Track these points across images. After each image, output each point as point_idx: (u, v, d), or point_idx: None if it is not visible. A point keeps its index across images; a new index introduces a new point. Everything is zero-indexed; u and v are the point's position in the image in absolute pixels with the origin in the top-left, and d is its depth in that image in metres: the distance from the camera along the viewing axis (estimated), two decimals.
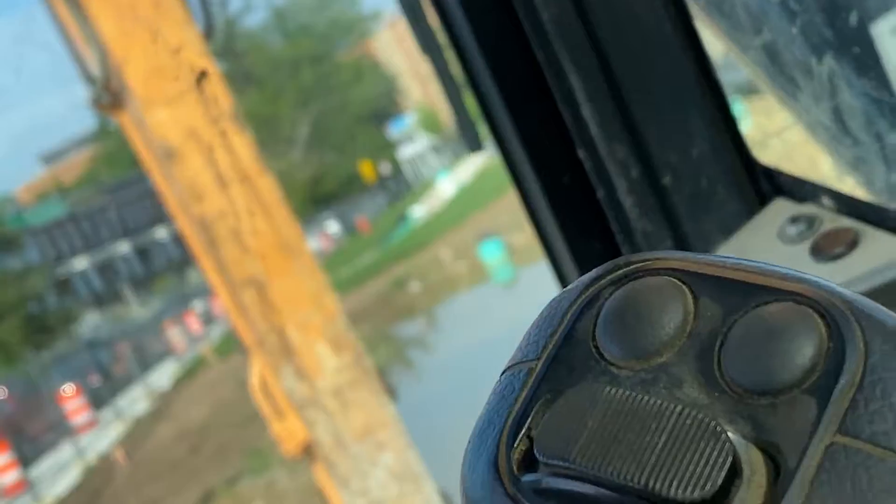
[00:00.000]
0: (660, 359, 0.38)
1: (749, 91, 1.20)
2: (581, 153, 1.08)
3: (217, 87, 2.90)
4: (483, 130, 1.30)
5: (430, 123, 67.76)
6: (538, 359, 0.41)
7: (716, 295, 0.38)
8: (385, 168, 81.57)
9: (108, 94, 3.16)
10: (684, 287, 0.39)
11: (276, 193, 2.90)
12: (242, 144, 2.86)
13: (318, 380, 3.00)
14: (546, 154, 1.11)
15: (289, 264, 2.90)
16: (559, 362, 0.40)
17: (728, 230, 1.10)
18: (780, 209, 1.08)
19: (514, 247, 26.09)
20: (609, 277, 0.40)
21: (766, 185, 1.11)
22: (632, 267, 0.40)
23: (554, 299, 0.41)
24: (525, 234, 26.69)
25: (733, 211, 1.10)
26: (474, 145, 1.27)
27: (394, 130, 72.82)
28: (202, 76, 2.79)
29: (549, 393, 0.39)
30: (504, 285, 23.67)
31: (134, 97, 2.88)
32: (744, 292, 0.38)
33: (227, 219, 2.83)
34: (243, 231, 2.87)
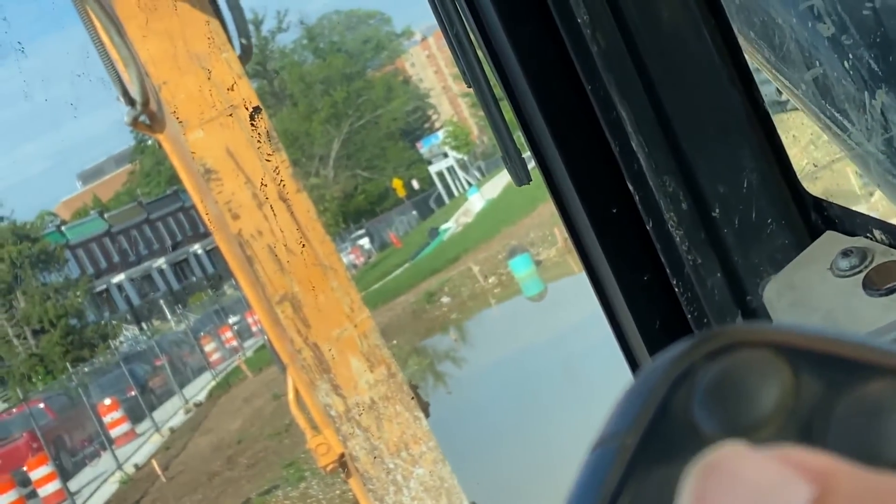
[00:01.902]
0: (759, 436, 0.37)
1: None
2: (630, 185, 1.07)
3: (252, 109, 2.97)
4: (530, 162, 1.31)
5: (460, 140, 67.89)
6: (630, 434, 0.39)
7: (817, 371, 0.37)
8: (416, 184, 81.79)
9: (147, 115, 3.24)
10: (784, 362, 0.38)
11: (310, 212, 2.97)
12: (279, 164, 2.94)
13: (352, 395, 3.05)
14: (594, 186, 1.11)
15: (323, 281, 2.97)
16: (653, 438, 0.38)
17: (778, 263, 1.09)
18: (830, 242, 1.07)
19: (544, 262, 26.08)
20: (705, 349, 0.39)
21: (817, 218, 1.09)
22: (729, 339, 0.39)
23: (646, 370, 0.40)
24: (554, 250, 26.70)
25: (783, 244, 1.08)
26: (522, 178, 1.28)
27: (425, 147, 73.02)
28: (255, 112, 2.87)
29: (643, 471, 0.37)
30: (533, 299, 23.64)
31: (173, 118, 2.96)
32: (846, 369, 0.37)
33: (263, 237, 2.90)
34: (279, 249, 2.94)
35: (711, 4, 1.01)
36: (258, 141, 2.87)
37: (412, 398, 3.18)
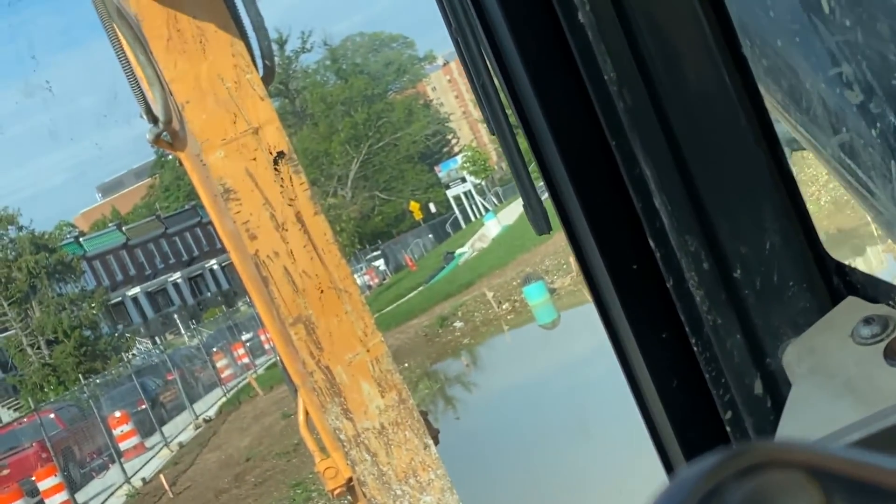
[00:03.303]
0: None
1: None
2: (651, 243, 1.06)
3: (274, 132, 2.99)
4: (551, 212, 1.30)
5: (478, 165, 68.00)
6: None
7: (849, 498, 0.36)
8: (433, 207, 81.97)
9: (169, 133, 3.26)
10: (816, 487, 0.36)
11: (328, 235, 2.98)
12: (298, 186, 2.95)
13: (362, 419, 3.05)
14: (615, 241, 1.10)
15: (338, 305, 2.97)
16: None
17: (798, 327, 1.07)
18: (852, 308, 1.05)
19: (558, 290, 26.03)
20: (734, 466, 0.37)
21: (839, 282, 1.09)
22: (759, 458, 0.37)
23: (674, 484, 0.38)
24: (569, 278, 26.67)
25: (804, 307, 1.07)
26: (542, 228, 1.28)
27: (443, 171, 73.25)
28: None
29: None
30: (546, 327, 23.60)
31: (194, 137, 2.98)
32: (878, 495, 0.35)
33: (280, 258, 2.91)
34: (295, 271, 2.95)
35: (739, 65, 1.00)
36: (279, 163, 2.89)
37: (422, 425, 3.17)
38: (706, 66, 1.00)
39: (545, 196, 1.26)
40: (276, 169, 3.00)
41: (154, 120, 3.17)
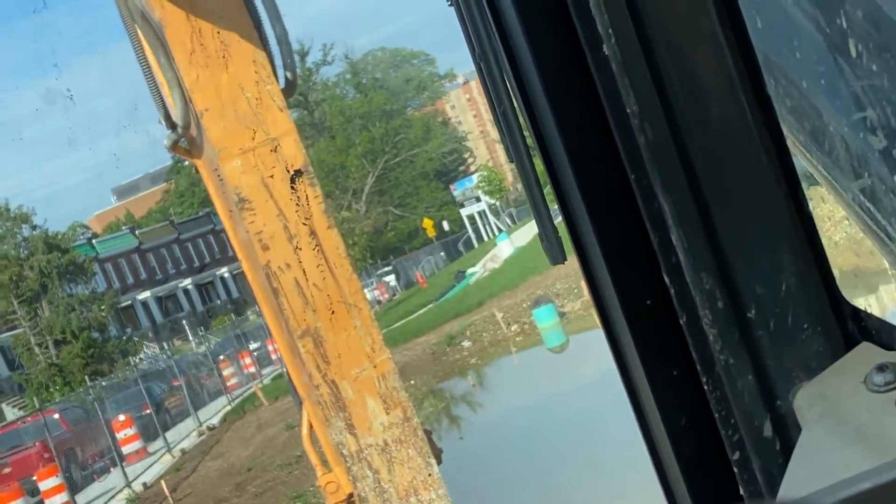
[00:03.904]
0: None
1: None
2: (666, 278, 1.05)
3: (291, 144, 2.99)
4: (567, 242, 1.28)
5: (494, 185, 68.03)
6: None
7: None
8: (446, 225, 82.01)
9: (187, 140, 3.26)
10: None
11: (340, 249, 2.97)
12: (313, 199, 2.94)
13: (366, 435, 3.03)
14: (630, 275, 1.09)
15: (347, 320, 2.96)
16: None
17: (811, 370, 1.06)
18: (866, 354, 1.04)
19: (568, 314, 25.96)
20: None
21: (853, 327, 1.07)
22: None
23: None
24: (580, 303, 26.60)
25: (818, 351, 1.06)
26: (557, 258, 1.27)
27: (458, 189, 73.33)
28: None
29: None
30: (554, 351, 23.53)
31: (211, 145, 2.98)
32: None
33: (291, 270, 2.90)
34: (306, 283, 2.94)
35: (763, 103, 0.99)
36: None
37: (425, 444, 3.15)
38: (729, 102, 0.98)
39: (559, 219, 1.25)
40: (293, 186, 2.99)
41: (172, 126, 3.17)
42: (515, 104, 1.17)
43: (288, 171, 3.04)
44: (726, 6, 0.97)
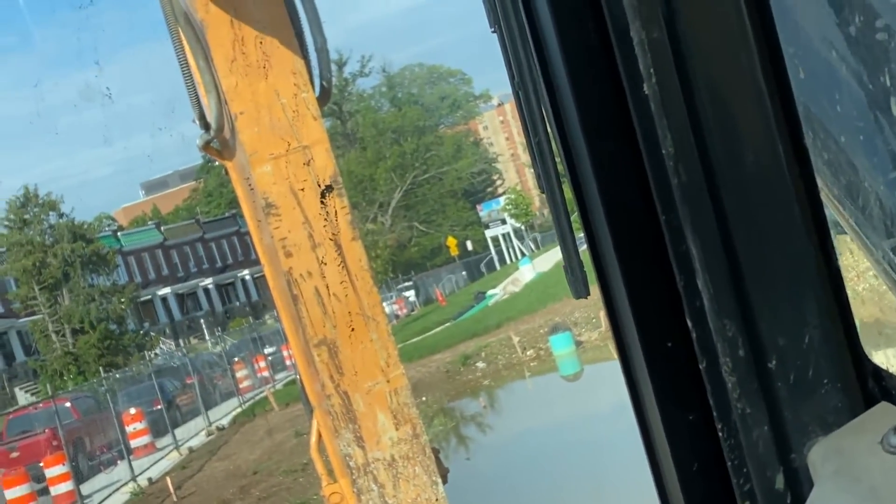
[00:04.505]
0: None
1: None
2: (689, 322, 1.04)
3: (322, 153, 3.00)
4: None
5: (520, 209, 68.00)
6: None
7: None
8: (470, 245, 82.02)
9: (220, 141, 3.27)
10: None
11: (363, 261, 2.97)
12: (339, 209, 2.95)
13: (374, 449, 3.03)
14: (652, 316, 1.09)
15: (364, 333, 2.96)
16: None
17: (828, 426, 1.05)
18: (885, 414, 1.03)
19: (584, 343, 25.87)
20: None
21: (874, 386, 1.06)
22: None
23: None
24: (597, 333, 26.48)
25: (836, 406, 1.05)
26: (580, 292, 1.26)
27: (484, 210, 73.35)
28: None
29: None
30: (568, 379, 23.45)
31: (243, 148, 2.99)
32: None
33: (312, 279, 2.91)
34: (326, 293, 2.94)
35: (799, 154, 0.98)
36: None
37: (433, 462, 3.14)
38: (766, 151, 0.98)
39: (583, 247, 1.24)
40: (322, 201, 3.00)
41: (206, 126, 3.19)
42: (551, 134, 1.17)
43: (317, 181, 3.05)
44: (770, 55, 0.96)
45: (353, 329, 3.24)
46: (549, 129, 1.17)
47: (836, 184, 1.02)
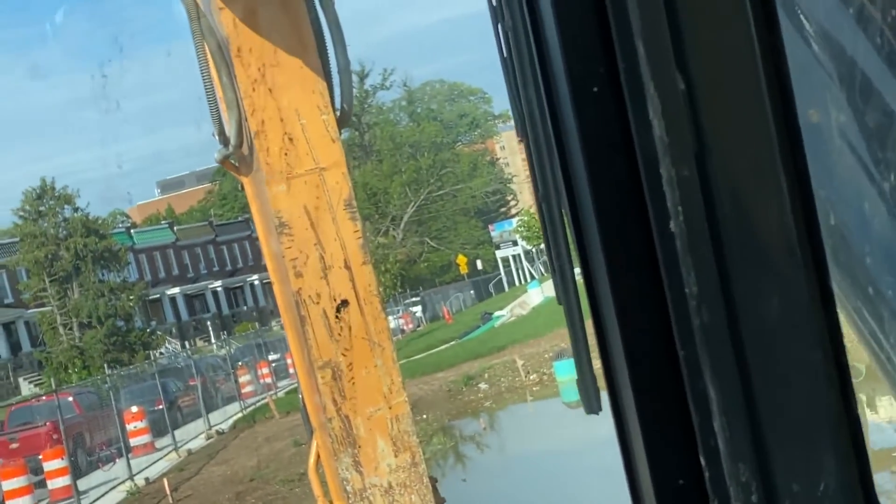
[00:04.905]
0: None
1: None
2: (702, 460, 1.03)
3: (338, 176, 3.01)
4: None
5: (532, 232, 67.95)
6: None
7: None
8: (479, 264, 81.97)
9: (237, 157, 3.29)
10: None
11: (372, 286, 2.98)
12: (352, 233, 2.96)
13: (371, 474, 3.03)
14: (665, 452, 1.06)
15: (369, 357, 2.97)
16: None
17: None
18: None
19: None
20: None
21: None
22: None
23: None
24: (600, 363, 26.33)
25: None
26: (593, 407, 1.24)
27: (496, 230, 73.34)
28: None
29: None
30: (570, 406, 23.36)
31: (260, 166, 3.01)
32: None
33: (321, 301, 2.92)
34: (333, 316, 2.95)
35: (825, 298, 0.97)
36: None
37: (429, 491, 3.14)
38: (792, 296, 0.97)
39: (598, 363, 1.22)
40: (334, 219, 3.01)
41: (225, 142, 3.20)
42: (573, 256, 1.16)
43: (331, 203, 3.06)
44: (802, 200, 0.96)
45: (358, 354, 3.25)
46: (571, 253, 1.16)
47: (863, 330, 1.01)
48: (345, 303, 3.00)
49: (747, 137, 0.96)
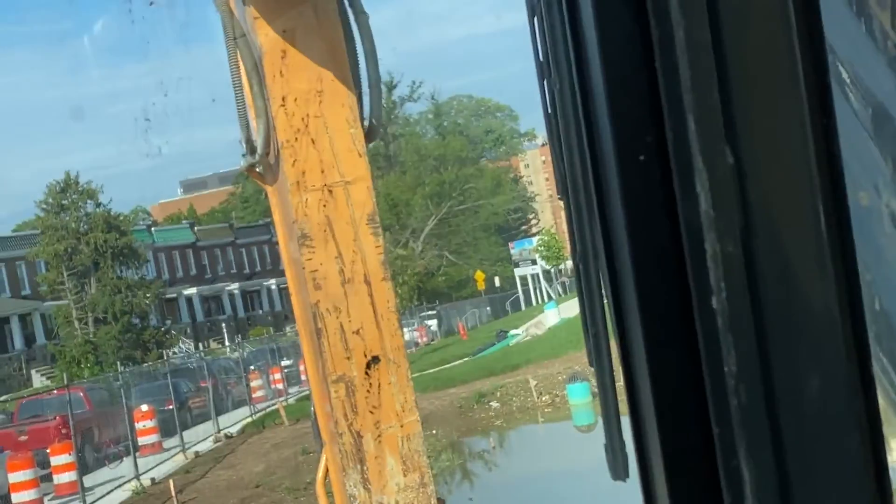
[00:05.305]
0: None
1: None
2: None
3: (363, 190, 2.99)
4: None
5: (552, 252, 67.86)
6: None
7: None
8: (497, 281, 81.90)
9: (263, 166, 3.28)
10: None
11: (391, 303, 2.95)
12: (373, 248, 2.94)
13: (379, 492, 3.00)
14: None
15: (384, 375, 2.94)
16: None
17: None
18: None
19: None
20: None
21: None
22: None
23: None
24: (616, 379, 26.28)
25: None
26: (620, 474, 1.21)
27: (516, 248, 73.33)
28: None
29: None
30: (581, 430, 23.25)
31: (285, 177, 3.00)
32: None
33: (338, 315, 2.89)
34: (350, 330, 2.93)
35: (866, 385, 0.95)
36: (360, 222, 2.89)
37: None
38: (833, 380, 0.94)
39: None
40: (356, 233, 2.99)
41: (252, 150, 3.18)
42: (610, 330, 1.14)
43: (354, 217, 3.03)
44: (848, 287, 0.93)
45: (373, 371, 3.22)
46: (606, 318, 1.13)
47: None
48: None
49: (795, 216, 0.94)
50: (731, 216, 0.92)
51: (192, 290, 70.58)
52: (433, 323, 63.00)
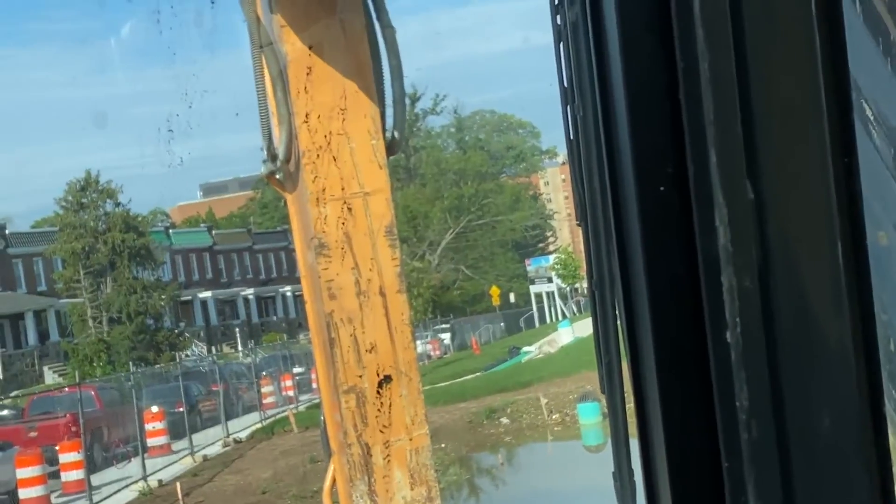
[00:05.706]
0: None
1: None
2: None
3: (382, 202, 2.99)
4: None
5: (569, 270, 67.72)
6: None
7: None
8: (512, 297, 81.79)
9: (284, 173, 3.28)
10: None
11: (405, 315, 2.95)
12: (390, 260, 2.94)
13: None
14: None
15: (396, 387, 2.94)
16: None
17: None
18: None
19: None
20: None
21: None
22: None
23: None
24: (627, 408, 26.18)
25: None
26: (627, 503, 1.21)
27: (532, 265, 73.21)
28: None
29: None
30: (590, 450, 23.15)
31: (305, 186, 3.00)
32: None
33: (352, 325, 2.89)
34: (363, 341, 2.93)
35: (877, 425, 0.94)
36: (378, 234, 2.90)
37: None
38: (845, 419, 0.94)
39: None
40: (373, 245, 3.00)
41: (273, 157, 3.20)
42: (623, 360, 1.14)
43: (372, 229, 3.04)
44: (863, 325, 0.93)
45: (384, 382, 3.23)
46: (620, 347, 1.13)
47: None
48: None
49: (813, 254, 0.94)
50: (749, 251, 0.92)
51: (207, 294, 70.77)
52: (446, 336, 62.94)
